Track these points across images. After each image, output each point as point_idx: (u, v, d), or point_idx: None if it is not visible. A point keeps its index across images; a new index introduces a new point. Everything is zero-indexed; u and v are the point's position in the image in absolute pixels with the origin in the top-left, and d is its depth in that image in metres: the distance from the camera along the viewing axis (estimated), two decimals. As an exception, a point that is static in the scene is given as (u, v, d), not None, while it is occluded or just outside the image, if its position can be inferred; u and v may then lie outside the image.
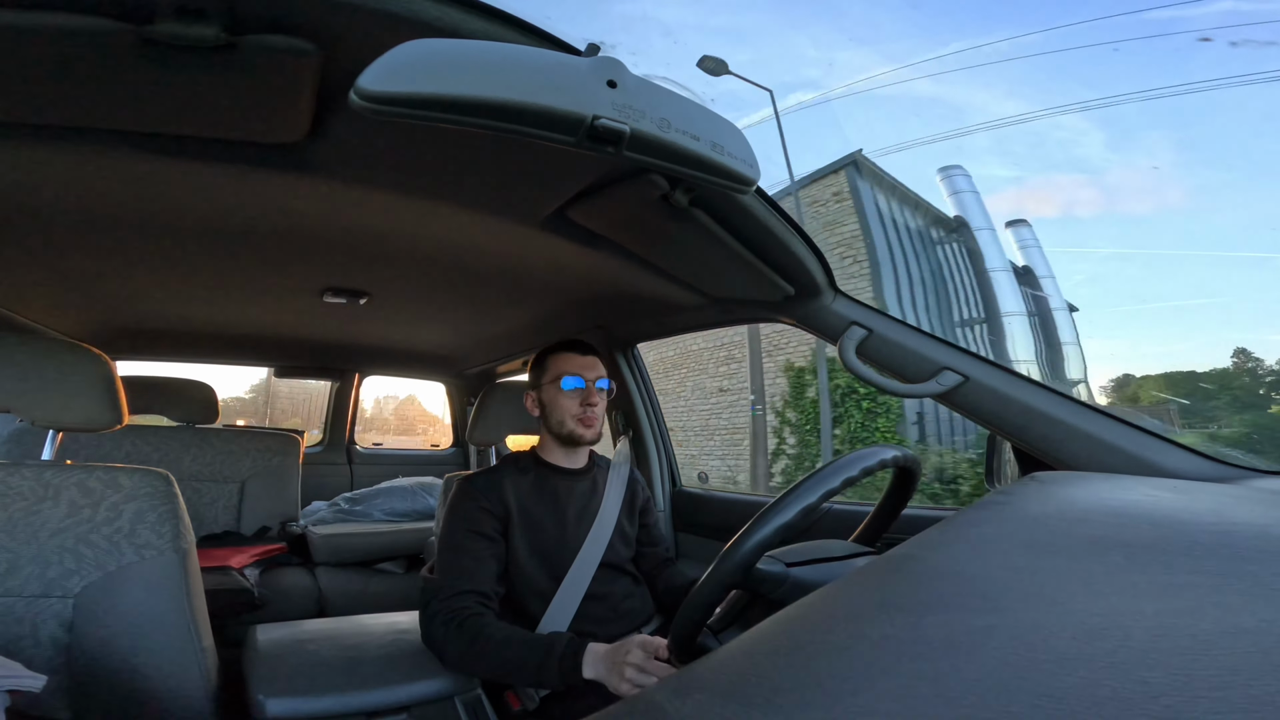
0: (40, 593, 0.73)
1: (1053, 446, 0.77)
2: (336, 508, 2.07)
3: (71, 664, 0.72)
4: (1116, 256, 7.17)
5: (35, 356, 0.80)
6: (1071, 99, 4.36)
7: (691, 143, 0.41)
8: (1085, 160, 6.50)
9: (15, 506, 0.75)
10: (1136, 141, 6.82)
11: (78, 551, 0.75)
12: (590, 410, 1.07)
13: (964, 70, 5.70)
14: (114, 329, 1.70)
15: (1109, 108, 4.15)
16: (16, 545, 0.74)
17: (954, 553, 0.41)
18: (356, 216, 0.92)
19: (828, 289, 0.92)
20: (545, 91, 0.36)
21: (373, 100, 0.35)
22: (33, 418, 0.80)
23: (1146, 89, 3.84)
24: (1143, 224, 8.06)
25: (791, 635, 0.31)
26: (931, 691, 0.23)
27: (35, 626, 0.72)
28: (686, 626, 0.69)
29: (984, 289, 6.92)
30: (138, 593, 0.76)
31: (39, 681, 0.54)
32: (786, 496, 0.67)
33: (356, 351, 2.18)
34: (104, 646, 0.74)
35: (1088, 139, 6.07)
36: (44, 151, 0.68)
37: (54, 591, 0.74)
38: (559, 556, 1.03)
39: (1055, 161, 6.85)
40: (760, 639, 0.31)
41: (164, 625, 0.77)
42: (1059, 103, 5.30)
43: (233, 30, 0.45)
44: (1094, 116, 5.76)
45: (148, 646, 0.75)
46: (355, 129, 0.64)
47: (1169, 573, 0.32)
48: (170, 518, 0.80)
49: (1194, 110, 8.75)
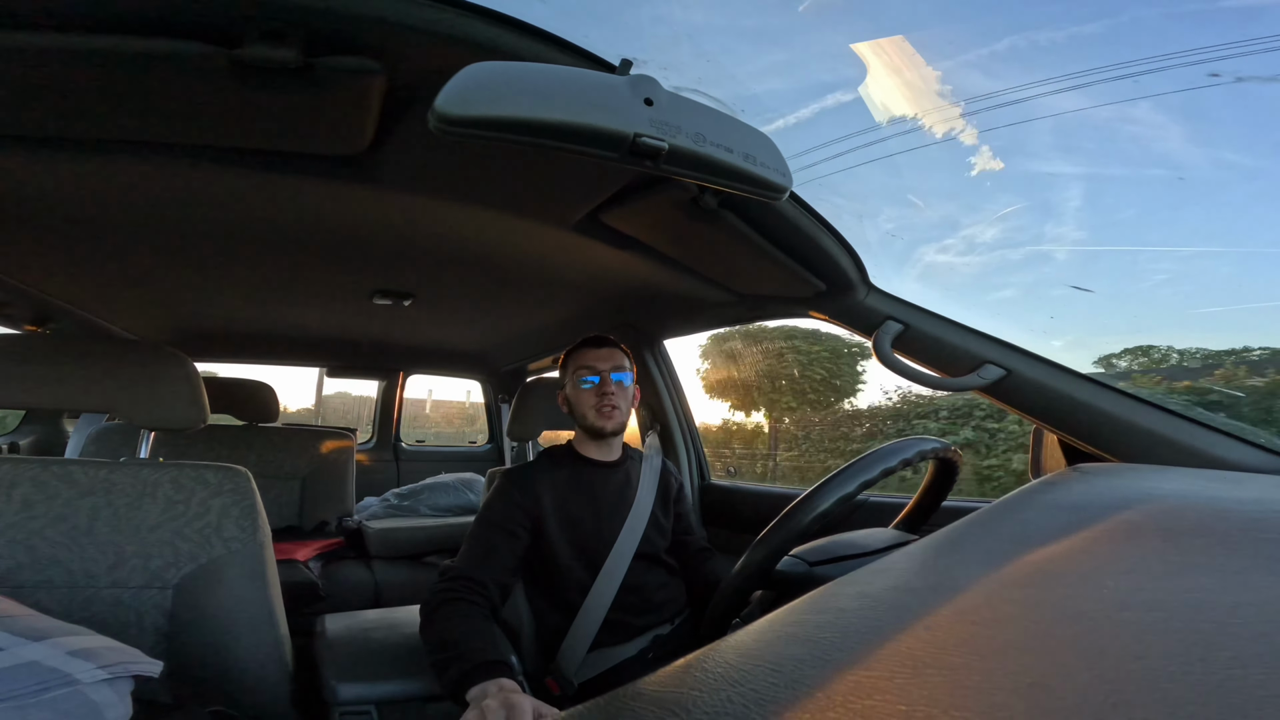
0: (144, 584, 0.79)
1: (1099, 439, 0.76)
2: (387, 503, 2.17)
3: (172, 650, 0.78)
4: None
5: (130, 361, 0.86)
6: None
7: (725, 155, 0.43)
8: (1166, 156, 5.91)
9: (120, 502, 0.81)
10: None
11: (174, 544, 0.80)
12: (607, 400, 1.09)
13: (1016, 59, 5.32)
14: (187, 333, 1.82)
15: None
16: (122, 539, 0.79)
17: (995, 538, 0.42)
18: (406, 222, 0.96)
19: (860, 284, 0.92)
20: (592, 111, 0.39)
21: (450, 123, 0.38)
22: (131, 418, 0.86)
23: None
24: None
25: (824, 613, 0.33)
26: (971, 652, 0.25)
27: (140, 615, 0.78)
28: (718, 614, 0.70)
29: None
30: (227, 583, 0.81)
31: (157, 666, 0.57)
32: (826, 484, 0.68)
33: (401, 351, 2.27)
34: (199, 633, 0.79)
35: (1166, 133, 5.52)
36: (136, 169, 0.74)
37: (155, 583, 0.79)
38: (595, 548, 1.05)
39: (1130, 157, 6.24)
40: (790, 615, 0.32)
41: (249, 613, 0.82)
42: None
43: (310, 52, 0.49)
44: (1170, 108, 5.21)
45: (236, 633, 0.81)
46: (414, 141, 0.68)
47: (1205, 555, 0.33)
48: (251, 512, 0.85)
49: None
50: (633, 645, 1.04)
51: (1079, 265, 6.32)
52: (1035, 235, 6.35)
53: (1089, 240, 6.06)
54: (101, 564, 0.78)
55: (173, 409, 0.87)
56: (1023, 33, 5.19)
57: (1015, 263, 6.73)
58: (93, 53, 0.50)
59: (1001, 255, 6.46)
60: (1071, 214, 6.14)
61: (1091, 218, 6.02)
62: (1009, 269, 7.13)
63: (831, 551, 0.71)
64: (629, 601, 1.03)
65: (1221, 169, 5.69)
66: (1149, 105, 4.93)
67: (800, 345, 6.04)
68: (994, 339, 0.84)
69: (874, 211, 4.97)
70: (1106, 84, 4.03)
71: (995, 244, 6.50)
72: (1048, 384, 0.80)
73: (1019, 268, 6.99)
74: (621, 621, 1.02)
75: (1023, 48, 5.17)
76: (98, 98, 0.58)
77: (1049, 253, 6.19)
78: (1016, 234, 6.42)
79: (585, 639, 1.00)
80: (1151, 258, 5.72)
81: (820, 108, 5.39)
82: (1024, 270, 6.91)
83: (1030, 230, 6.33)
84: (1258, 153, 5.22)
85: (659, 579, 1.10)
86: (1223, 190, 5.72)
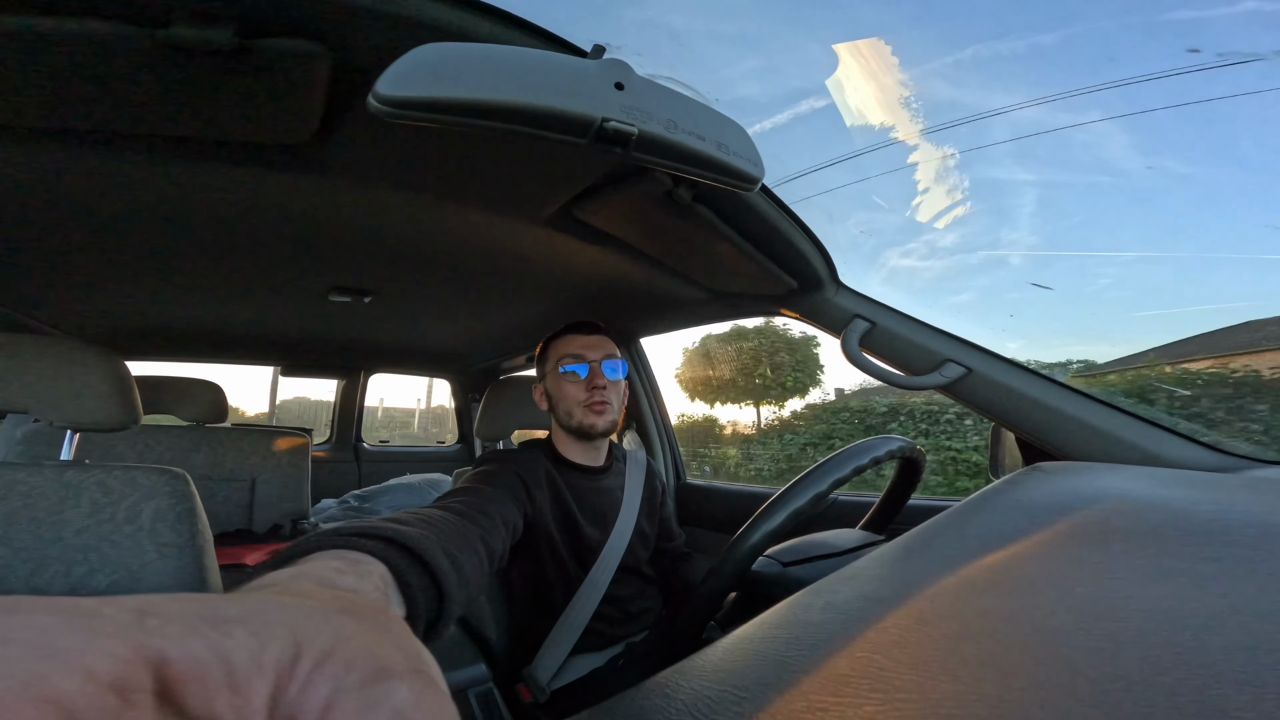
0: (65, 591, 0.74)
1: (1056, 437, 0.78)
2: (346, 505, 2.09)
3: None
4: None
5: (51, 358, 0.81)
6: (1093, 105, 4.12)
7: (697, 143, 0.41)
8: (1109, 163, 6.24)
9: (39, 507, 0.76)
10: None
11: (101, 550, 0.76)
12: (599, 394, 0.96)
13: (982, 70, 5.51)
14: (125, 330, 1.72)
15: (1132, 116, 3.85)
16: (42, 545, 0.75)
17: (958, 541, 0.42)
18: (360, 215, 0.92)
19: (830, 282, 0.93)
20: (556, 94, 0.37)
21: (390, 104, 0.35)
22: (51, 418, 0.81)
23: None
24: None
25: (792, 628, 0.32)
26: (941, 671, 0.24)
27: None
28: (694, 619, 0.69)
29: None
30: (158, 589, 0.77)
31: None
32: (797, 484, 0.68)
33: (362, 350, 2.19)
34: None
35: (1111, 141, 5.83)
36: (58, 155, 0.69)
37: (80, 590, 0.75)
38: (583, 555, 0.99)
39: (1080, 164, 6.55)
40: (759, 630, 0.32)
41: None
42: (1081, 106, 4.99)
43: (245, 34, 0.46)
44: (1120, 121, 5.54)
45: None
46: (363, 129, 0.65)
47: (1169, 558, 0.33)
48: (189, 516, 0.81)
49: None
50: (605, 654, 1.01)
51: (1033, 269, 6.66)
52: (992, 240, 6.66)
53: (1043, 245, 6.41)
54: (19, 571, 0.73)
55: (98, 409, 0.82)
56: (985, 42, 5.38)
57: (973, 266, 7.06)
58: (3, 34, 0.46)
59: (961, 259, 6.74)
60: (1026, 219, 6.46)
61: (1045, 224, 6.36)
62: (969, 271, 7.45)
63: (804, 552, 0.72)
64: (606, 612, 0.99)
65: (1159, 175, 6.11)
66: (1098, 114, 5.18)
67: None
68: (956, 338, 0.86)
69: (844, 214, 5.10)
70: (1065, 100, 4.24)
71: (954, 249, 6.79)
72: (1006, 383, 0.81)
73: (977, 271, 7.34)
74: (597, 631, 0.99)
75: (985, 57, 5.35)
76: (15, 81, 0.53)
77: (1004, 258, 6.50)
78: (974, 238, 6.74)
79: (563, 649, 0.96)
80: (1098, 263, 6.07)
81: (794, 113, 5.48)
82: (981, 274, 7.25)
83: (989, 235, 6.64)
84: (1193, 159, 5.62)
85: (635, 589, 1.06)
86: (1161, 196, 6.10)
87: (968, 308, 6.98)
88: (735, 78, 10.98)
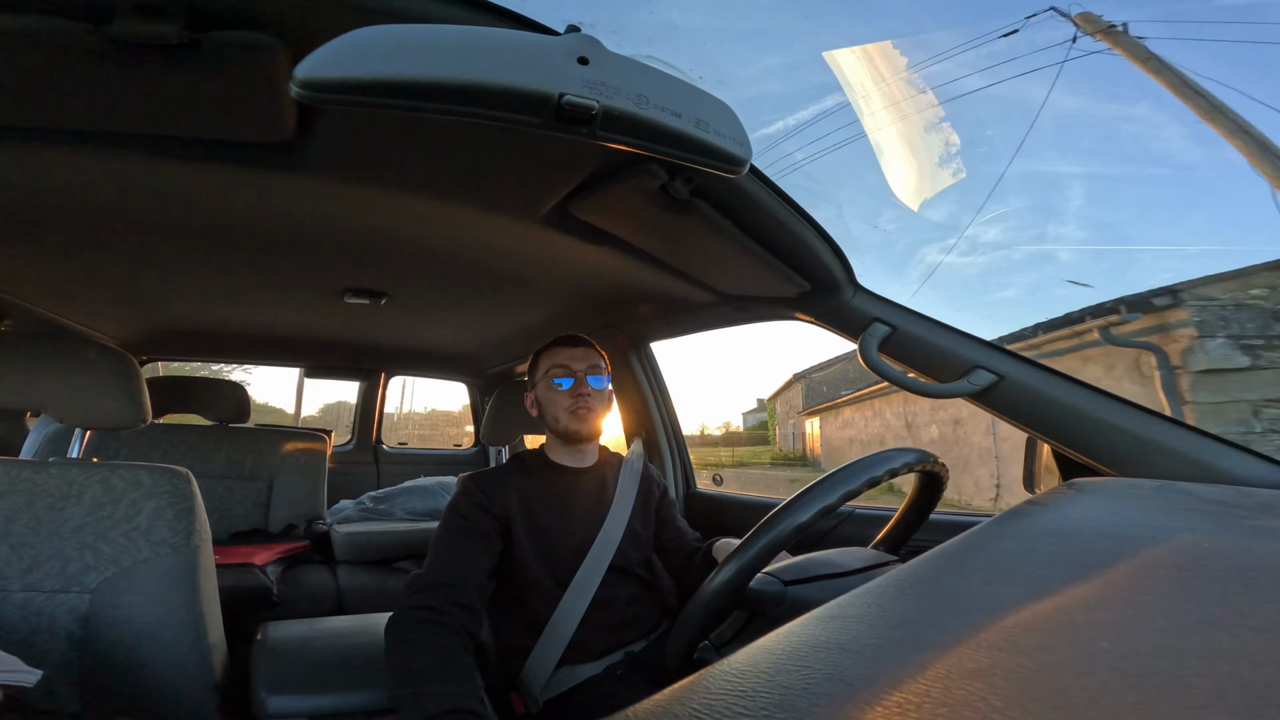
0: (59, 588, 0.75)
1: (1096, 449, 0.71)
2: (362, 506, 2.11)
3: (84, 657, 0.74)
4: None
5: (62, 357, 0.82)
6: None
7: (672, 119, 0.37)
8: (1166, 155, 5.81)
9: (41, 504, 0.77)
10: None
11: (97, 548, 0.77)
12: (582, 402, 1.02)
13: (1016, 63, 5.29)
14: (149, 330, 1.76)
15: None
16: (40, 542, 0.76)
17: (973, 573, 0.37)
18: (363, 217, 0.91)
19: (847, 284, 0.87)
20: (506, 71, 0.34)
21: (310, 88, 0.33)
22: (60, 417, 0.82)
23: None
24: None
25: (784, 663, 0.27)
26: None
27: (53, 620, 0.74)
28: (687, 633, 0.65)
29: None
30: (150, 588, 0.77)
31: (34, 676, 0.54)
32: (804, 495, 0.63)
33: (381, 352, 2.21)
34: (115, 640, 0.75)
35: (1164, 131, 5.48)
36: (50, 154, 0.69)
37: (72, 587, 0.75)
38: (565, 560, 0.99)
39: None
40: (755, 658, 0.28)
41: (172, 620, 0.78)
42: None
43: (194, 27, 0.44)
44: (1171, 107, 5.20)
45: (155, 641, 0.77)
46: (343, 125, 0.63)
47: (1222, 604, 0.27)
48: (187, 515, 0.81)
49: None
50: (601, 663, 0.98)
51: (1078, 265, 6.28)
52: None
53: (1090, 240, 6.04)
54: (16, 566, 0.75)
55: (105, 407, 0.82)
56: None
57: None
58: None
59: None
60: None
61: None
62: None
63: (807, 570, 0.66)
64: (599, 618, 0.97)
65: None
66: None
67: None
68: (985, 342, 0.80)
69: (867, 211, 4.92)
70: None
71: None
72: (1041, 390, 0.75)
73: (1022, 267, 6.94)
74: (590, 639, 0.96)
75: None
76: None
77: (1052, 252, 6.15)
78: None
79: (552, 656, 0.94)
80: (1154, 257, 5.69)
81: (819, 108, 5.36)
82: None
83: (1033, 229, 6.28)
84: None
85: (630, 593, 1.03)
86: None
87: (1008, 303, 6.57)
88: (755, 75, 10.62)
